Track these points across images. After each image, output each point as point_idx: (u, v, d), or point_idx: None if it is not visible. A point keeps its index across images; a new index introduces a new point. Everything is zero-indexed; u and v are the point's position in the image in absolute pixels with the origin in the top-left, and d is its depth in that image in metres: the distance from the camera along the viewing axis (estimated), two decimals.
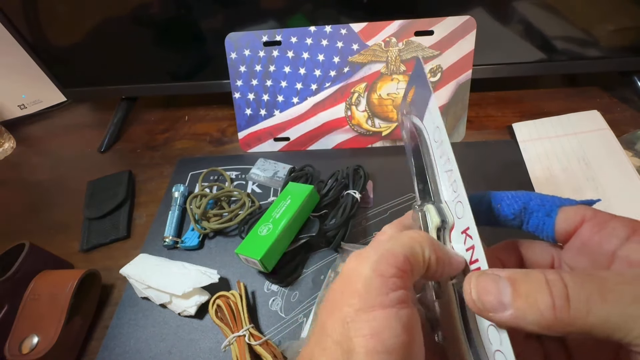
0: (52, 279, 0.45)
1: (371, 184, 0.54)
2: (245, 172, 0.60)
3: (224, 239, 0.52)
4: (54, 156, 0.73)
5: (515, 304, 0.16)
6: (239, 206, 0.53)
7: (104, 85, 0.70)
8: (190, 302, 0.43)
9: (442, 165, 0.22)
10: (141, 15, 0.60)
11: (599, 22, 0.56)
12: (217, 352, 0.41)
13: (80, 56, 0.65)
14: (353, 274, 0.18)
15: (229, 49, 0.59)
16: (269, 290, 0.45)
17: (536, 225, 0.21)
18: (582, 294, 0.15)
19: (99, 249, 0.54)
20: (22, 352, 0.39)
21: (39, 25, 0.61)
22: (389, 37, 0.56)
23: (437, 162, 0.23)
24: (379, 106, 0.59)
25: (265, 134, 0.62)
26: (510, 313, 0.16)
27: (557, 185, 0.50)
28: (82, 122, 0.80)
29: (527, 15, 0.56)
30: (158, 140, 0.71)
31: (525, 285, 0.16)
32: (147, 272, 0.45)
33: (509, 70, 0.61)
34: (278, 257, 0.45)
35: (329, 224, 0.47)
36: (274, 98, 0.60)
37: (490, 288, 0.17)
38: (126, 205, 0.58)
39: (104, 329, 0.45)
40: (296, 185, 0.50)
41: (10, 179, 0.69)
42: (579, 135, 0.55)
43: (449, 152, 0.21)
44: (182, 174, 0.62)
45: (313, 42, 0.57)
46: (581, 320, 0.15)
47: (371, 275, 0.17)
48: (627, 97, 0.63)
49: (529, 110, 0.63)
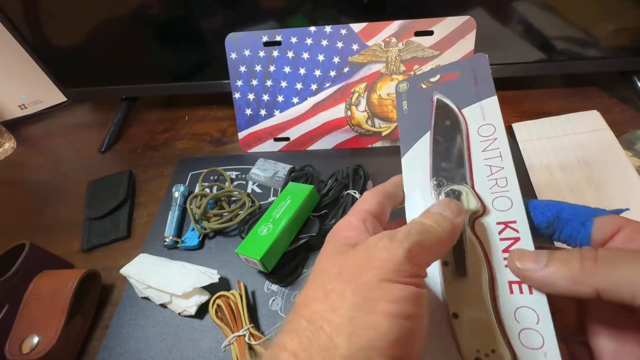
0: (52, 279, 0.45)
1: (371, 184, 0.54)
2: (246, 172, 0.60)
3: (224, 239, 0.52)
4: (54, 156, 0.73)
5: (550, 263, 0.19)
6: (239, 206, 0.53)
7: (104, 85, 0.70)
8: (190, 302, 0.43)
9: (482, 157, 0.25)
10: (141, 15, 0.60)
11: (599, 22, 0.56)
12: (217, 352, 0.41)
13: (80, 56, 0.65)
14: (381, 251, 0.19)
15: (229, 49, 0.59)
16: (269, 290, 0.46)
17: (570, 235, 0.22)
18: (609, 254, 0.18)
19: (99, 249, 0.54)
20: (23, 352, 0.40)
21: (39, 25, 0.61)
22: (388, 37, 0.56)
23: (473, 151, 0.25)
24: (379, 106, 0.59)
25: (265, 134, 0.62)
26: (544, 270, 0.19)
27: (557, 185, 0.50)
28: (82, 122, 0.80)
29: (527, 15, 0.56)
30: (158, 140, 0.71)
31: (559, 253, 0.19)
32: (147, 272, 0.45)
33: (509, 70, 0.61)
34: (278, 257, 0.45)
35: (329, 224, 0.47)
36: (274, 98, 0.60)
37: (530, 255, 0.20)
38: (126, 205, 0.58)
39: (104, 329, 0.45)
40: (296, 185, 0.50)
41: (10, 179, 0.69)
42: (578, 135, 0.55)
43: (504, 151, 0.24)
44: (182, 174, 0.62)
45: (313, 42, 0.57)
46: (605, 275, 0.17)
47: (402, 260, 0.18)
48: (627, 97, 0.63)
49: (529, 110, 0.63)
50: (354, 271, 0.19)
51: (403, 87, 0.30)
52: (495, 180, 0.24)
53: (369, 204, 0.25)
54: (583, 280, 0.18)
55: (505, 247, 0.22)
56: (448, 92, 0.28)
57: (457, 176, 0.25)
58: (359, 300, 0.17)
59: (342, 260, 0.20)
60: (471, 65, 0.28)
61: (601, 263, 0.17)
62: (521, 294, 0.20)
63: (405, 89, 0.30)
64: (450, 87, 0.28)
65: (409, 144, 0.27)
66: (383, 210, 0.25)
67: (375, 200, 0.25)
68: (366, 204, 0.25)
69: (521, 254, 0.20)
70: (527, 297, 0.20)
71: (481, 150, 0.25)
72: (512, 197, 0.23)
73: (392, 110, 0.59)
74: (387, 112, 0.59)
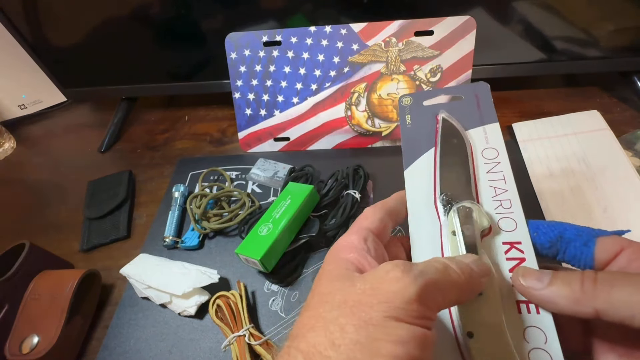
0: (52, 279, 0.45)
1: (371, 184, 0.54)
2: (245, 172, 0.60)
3: (224, 239, 0.52)
4: (54, 156, 0.73)
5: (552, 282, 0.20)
6: (239, 206, 0.53)
7: (104, 85, 0.70)
8: (190, 302, 0.43)
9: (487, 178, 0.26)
10: (141, 15, 0.60)
11: (599, 22, 0.56)
12: (217, 352, 0.41)
13: (80, 56, 0.65)
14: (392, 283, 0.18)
15: (229, 49, 0.59)
16: (269, 290, 0.46)
17: (573, 255, 0.22)
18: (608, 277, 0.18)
19: (99, 249, 0.54)
20: (23, 352, 0.39)
21: (39, 25, 0.61)
22: (388, 37, 0.56)
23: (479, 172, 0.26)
24: (379, 106, 0.59)
25: (265, 134, 0.62)
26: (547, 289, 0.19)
27: (557, 185, 0.50)
28: (82, 122, 0.80)
29: (527, 15, 0.56)
30: (158, 140, 0.71)
31: (562, 274, 0.20)
32: (147, 272, 0.45)
33: (509, 70, 0.61)
34: (278, 257, 0.45)
35: (329, 224, 0.47)
36: (274, 98, 0.60)
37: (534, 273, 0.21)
38: (126, 205, 0.58)
39: (104, 329, 0.45)
40: (296, 185, 0.50)
41: (10, 179, 0.69)
42: (578, 135, 0.55)
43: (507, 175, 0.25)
44: (182, 174, 0.62)
45: (313, 42, 0.57)
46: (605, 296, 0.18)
47: (413, 297, 0.17)
48: (627, 97, 0.63)
49: (529, 110, 0.63)
50: (359, 302, 0.18)
51: (407, 102, 0.31)
52: (499, 201, 0.25)
53: (370, 221, 0.24)
54: (583, 300, 0.18)
55: (512, 267, 0.22)
56: (452, 112, 0.29)
57: (465, 194, 0.25)
58: (362, 338, 0.16)
59: (346, 287, 0.19)
60: (474, 90, 0.29)
61: (600, 285, 0.18)
62: (529, 313, 0.21)
63: (408, 104, 0.31)
64: (454, 107, 0.29)
65: (412, 158, 0.28)
66: (384, 228, 0.25)
67: (377, 217, 0.25)
68: (367, 221, 0.24)
69: (526, 271, 0.21)
70: (534, 317, 0.20)
71: (485, 172, 0.26)
72: (516, 219, 0.24)
73: (392, 110, 0.59)
74: (387, 112, 0.59)
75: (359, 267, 0.21)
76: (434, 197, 0.26)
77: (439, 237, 0.24)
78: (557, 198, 0.48)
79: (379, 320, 0.17)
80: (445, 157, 0.27)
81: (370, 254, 0.22)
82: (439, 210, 0.25)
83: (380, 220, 0.24)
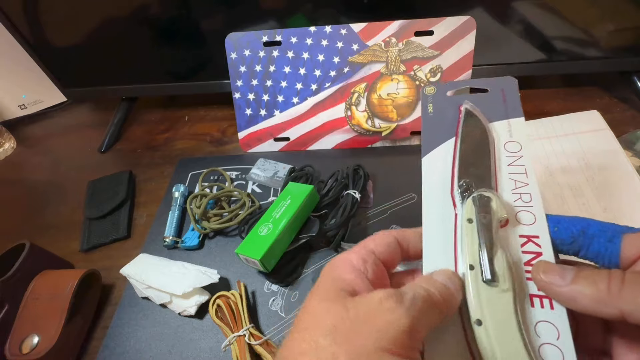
0: (52, 279, 0.45)
1: (371, 184, 0.54)
2: (245, 172, 0.60)
3: (224, 239, 0.52)
4: (54, 156, 0.73)
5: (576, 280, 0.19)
6: (239, 206, 0.53)
7: (104, 85, 0.70)
8: (190, 302, 0.43)
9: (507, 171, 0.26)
10: (141, 15, 0.60)
11: (599, 22, 0.56)
12: (217, 352, 0.41)
13: (80, 56, 0.65)
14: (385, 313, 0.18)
15: (229, 49, 0.59)
16: (269, 290, 0.46)
17: (597, 252, 0.21)
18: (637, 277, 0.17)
19: (99, 249, 0.54)
20: (23, 352, 0.40)
21: (39, 25, 0.61)
22: (388, 37, 0.56)
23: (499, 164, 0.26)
24: (379, 106, 0.59)
25: (265, 134, 0.62)
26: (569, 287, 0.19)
27: (557, 185, 0.50)
28: (82, 122, 0.80)
29: (527, 15, 0.56)
30: (158, 140, 0.71)
31: (587, 272, 0.19)
32: (147, 272, 0.45)
33: (509, 70, 0.61)
34: (278, 257, 0.45)
35: (329, 224, 0.47)
36: (274, 98, 0.60)
37: (556, 269, 0.20)
38: (126, 205, 0.58)
39: (104, 329, 0.45)
40: (296, 185, 0.50)
41: (10, 179, 0.69)
42: (578, 135, 0.55)
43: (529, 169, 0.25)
44: (182, 174, 0.62)
45: (313, 42, 0.57)
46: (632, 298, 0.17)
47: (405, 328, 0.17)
48: (627, 97, 0.63)
49: (529, 110, 0.63)
50: (351, 331, 0.18)
51: (430, 91, 0.31)
52: (519, 194, 0.24)
53: (376, 244, 0.23)
54: (609, 301, 0.17)
55: (527, 261, 0.22)
56: (476, 104, 0.29)
57: (484, 183, 0.25)
58: None
59: (338, 311, 0.19)
60: (501, 85, 0.29)
61: (628, 285, 0.17)
62: (542, 308, 0.20)
63: (432, 93, 0.31)
64: (479, 99, 0.29)
65: (432, 146, 0.28)
66: (391, 256, 0.23)
67: (385, 241, 0.23)
68: (373, 242, 0.23)
69: (547, 266, 0.20)
70: (548, 312, 0.20)
71: (507, 164, 0.26)
72: (535, 213, 0.23)
73: (392, 110, 0.59)
74: (387, 112, 0.59)
75: (354, 288, 0.20)
76: (451, 185, 0.26)
77: (452, 226, 0.24)
78: (557, 198, 0.48)
79: (371, 352, 0.17)
80: (466, 145, 0.27)
81: (368, 276, 0.21)
82: (455, 198, 0.25)
83: (388, 245, 0.23)
